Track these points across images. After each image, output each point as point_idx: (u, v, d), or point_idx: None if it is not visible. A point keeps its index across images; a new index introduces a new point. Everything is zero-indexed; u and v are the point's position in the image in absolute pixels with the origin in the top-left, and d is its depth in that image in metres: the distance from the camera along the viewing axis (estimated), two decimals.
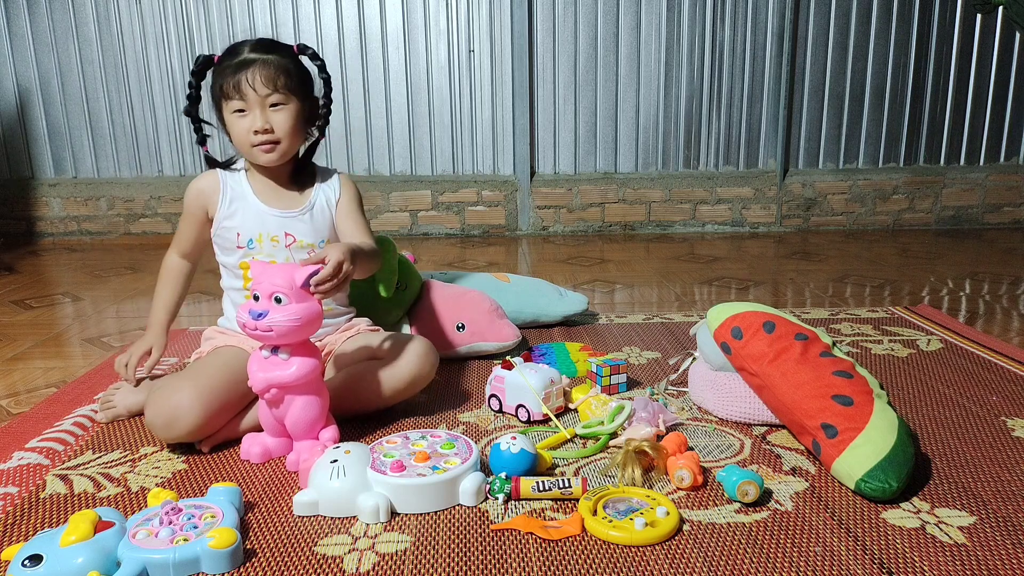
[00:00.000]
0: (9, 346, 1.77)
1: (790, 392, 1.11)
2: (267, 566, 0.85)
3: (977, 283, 2.33)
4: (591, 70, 3.29)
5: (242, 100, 1.21)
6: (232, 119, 1.23)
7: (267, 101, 1.22)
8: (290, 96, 1.23)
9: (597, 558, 0.86)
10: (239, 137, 1.24)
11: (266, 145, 1.23)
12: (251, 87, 1.20)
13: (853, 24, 3.29)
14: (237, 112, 1.22)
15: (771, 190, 3.41)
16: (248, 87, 1.20)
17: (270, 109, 1.22)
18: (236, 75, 1.20)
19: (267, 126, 1.22)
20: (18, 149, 3.26)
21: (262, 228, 1.28)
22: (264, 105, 1.22)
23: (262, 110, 1.22)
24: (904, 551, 0.87)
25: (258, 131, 1.22)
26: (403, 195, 3.33)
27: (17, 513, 0.98)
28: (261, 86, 1.20)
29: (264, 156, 1.25)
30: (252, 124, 1.22)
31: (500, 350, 1.58)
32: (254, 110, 1.21)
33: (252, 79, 1.20)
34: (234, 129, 1.24)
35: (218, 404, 1.13)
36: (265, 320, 1.03)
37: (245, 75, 1.20)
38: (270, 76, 1.21)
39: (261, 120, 1.21)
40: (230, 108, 1.22)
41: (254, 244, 1.28)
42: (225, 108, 1.23)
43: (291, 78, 1.23)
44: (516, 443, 1.03)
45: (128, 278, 2.53)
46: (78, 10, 3.14)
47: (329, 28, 3.19)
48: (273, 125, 1.22)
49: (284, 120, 1.23)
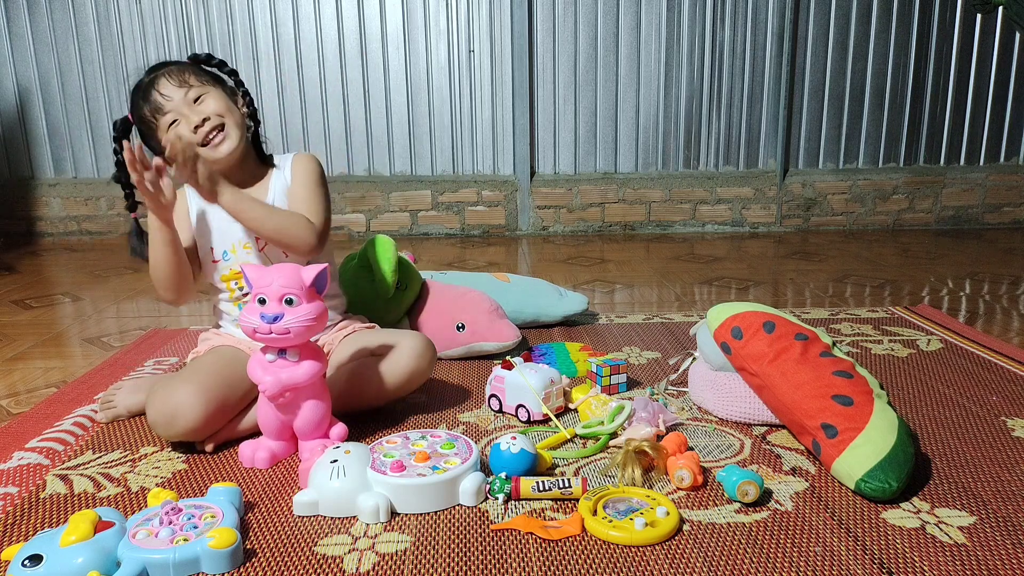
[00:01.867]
0: (9, 346, 1.77)
1: (790, 392, 1.11)
2: (267, 566, 0.85)
3: (977, 283, 2.33)
4: (591, 70, 3.29)
5: (165, 109, 1.21)
6: (167, 135, 1.22)
7: (189, 97, 1.22)
8: (206, 85, 1.25)
9: (597, 558, 0.86)
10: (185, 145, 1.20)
11: (215, 133, 1.23)
12: (168, 95, 1.22)
13: (853, 24, 3.30)
14: (172, 124, 1.22)
15: (771, 190, 3.41)
16: (165, 97, 1.21)
17: (195, 104, 1.23)
18: (149, 95, 1.22)
19: (204, 115, 1.22)
20: (18, 149, 3.26)
21: (233, 237, 1.28)
22: (189, 103, 1.23)
23: (190, 108, 1.22)
24: (904, 551, 0.87)
25: (196, 124, 1.21)
26: (403, 195, 3.33)
27: (17, 513, 0.98)
28: (175, 88, 1.22)
29: (222, 145, 1.24)
30: (188, 121, 1.22)
31: (500, 350, 1.58)
32: (183, 111, 1.22)
33: (163, 88, 1.22)
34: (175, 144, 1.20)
35: (219, 402, 1.13)
36: (282, 323, 1.03)
37: (155, 90, 1.22)
38: (175, 74, 1.23)
39: (196, 115, 1.22)
40: (164, 126, 1.22)
41: (229, 255, 1.28)
42: (160, 131, 1.23)
43: (198, 72, 1.26)
44: (516, 443, 1.03)
45: (128, 278, 2.53)
46: (78, 10, 3.14)
47: (329, 28, 3.19)
48: (208, 113, 1.23)
49: (215, 103, 1.24)
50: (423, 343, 1.27)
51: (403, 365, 1.24)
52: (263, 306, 1.04)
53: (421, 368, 1.26)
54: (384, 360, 1.24)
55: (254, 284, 1.06)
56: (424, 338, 1.29)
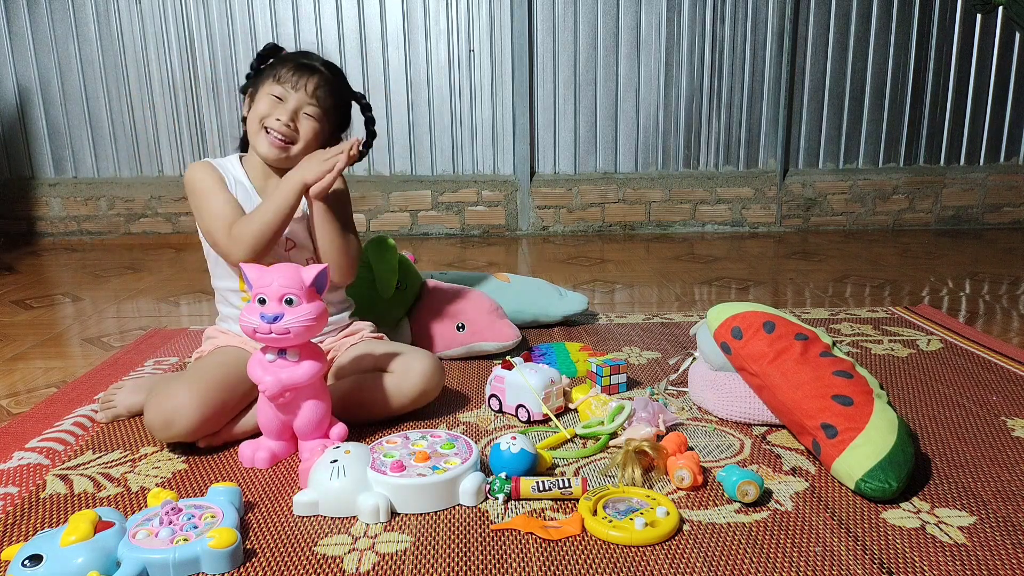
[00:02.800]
0: (9, 346, 1.77)
1: (790, 392, 1.11)
2: (267, 566, 0.85)
3: (977, 283, 2.33)
4: (591, 70, 3.29)
5: (285, 91, 1.24)
6: (266, 97, 1.25)
7: (304, 106, 1.26)
8: (324, 117, 1.29)
9: (597, 558, 0.86)
10: (260, 112, 1.25)
11: (279, 139, 1.25)
12: (303, 86, 1.25)
13: (853, 24, 3.30)
14: (274, 97, 1.25)
15: (771, 190, 3.41)
16: (301, 84, 1.25)
17: (303, 113, 1.26)
18: (298, 71, 1.25)
19: (290, 123, 1.25)
20: (18, 149, 3.25)
21: None
22: (301, 106, 1.26)
23: (297, 108, 1.25)
24: (904, 551, 0.87)
25: (280, 119, 1.24)
26: (403, 195, 3.33)
27: (17, 513, 0.98)
28: (312, 89, 1.26)
29: (269, 147, 1.26)
30: (280, 112, 1.25)
31: (500, 350, 1.58)
32: (290, 103, 1.25)
33: (308, 81, 1.25)
34: (261, 104, 1.26)
35: (216, 404, 1.12)
36: (282, 323, 1.03)
37: (305, 74, 1.25)
38: (323, 89, 1.27)
39: (288, 115, 1.25)
40: (271, 89, 1.25)
41: None
42: (266, 86, 1.26)
43: (335, 105, 1.31)
44: (516, 443, 1.03)
45: (128, 278, 2.53)
46: (78, 10, 3.14)
47: (329, 28, 3.19)
48: (297, 126, 1.26)
49: (309, 128, 1.27)
50: (433, 365, 1.26)
51: (412, 385, 1.23)
52: (263, 306, 1.04)
53: (428, 389, 1.25)
54: (392, 377, 1.23)
55: (254, 284, 1.06)
56: (434, 359, 1.27)
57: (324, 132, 1.30)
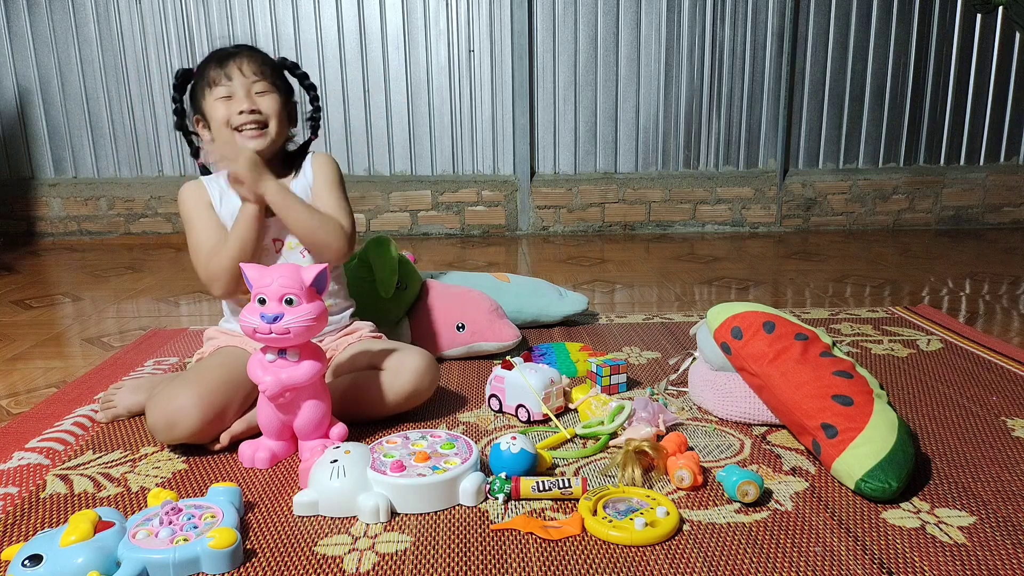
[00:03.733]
0: (9, 346, 1.77)
1: (790, 392, 1.11)
2: (267, 566, 0.85)
3: (977, 283, 2.33)
4: (591, 70, 3.29)
5: (228, 85, 1.23)
6: (215, 105, 1.24)
7: (253, 87, 1.25)
8: (274, 87, 1.27)
9: (597, 558, 0.86)
10: (220, 119, 1.24)
11: (253, 127, 1.24)
12: (239, 70, 1.24)
13: (853, 24, 3.30)
14: (222, 99, 1.23)
15: (771, 190, 3.41)
16: (236, 70, 1.24)
17: (255, 94, 1.25)
18: (223, 63, 1.24)
19: (255, 106, 1.24)
20: (18, 149, 3.26)
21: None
22: (250, 90, 1.25)
23: (247, 93, 1.24)
24: (904, 551, 0.87)
25: (244, 111, 1.23)
26: (403, 195, 3.33)
27: (17, 513, 0.98)
28: (249, 71, 1.25)
29: (252, 140, 1.25)
30: (239, 105, 1.23)
31: (500, 350, 1.58)
32: (239, 94, 1.24)
33: (240, 64, 1.24)
34: (216, 114, 1.24)
35: (219, 406, 1.12)
36: (282, 323, 1.03)
37: (233, 61, 1.25)
38: (257, 64, 1.26)
39: (248, 101, 1.24)
40: (215, 95, 1.24)
41: None
42: (208, 98, 1.25)
43: (276, 74, 1.29)
44: (516, 443, 1.03)
45: (128, 278, 2.53)
46: (78, 10, 3.14)
47: (329, 28, 3.19)
48: (260, 107, 1.25)
49: (270, 104, 1.26)
50: (426, 362, 1.25)
51: (404, 382, 1.22)
52: (263, 306, 1.04)
53: (422, 388, 1.24)
54: (386, 374, 1.23)
55: (254, 284, 1.06)
56: (428, 356, 1.27)
57: (281, 101, 1.28)
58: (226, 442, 1.14)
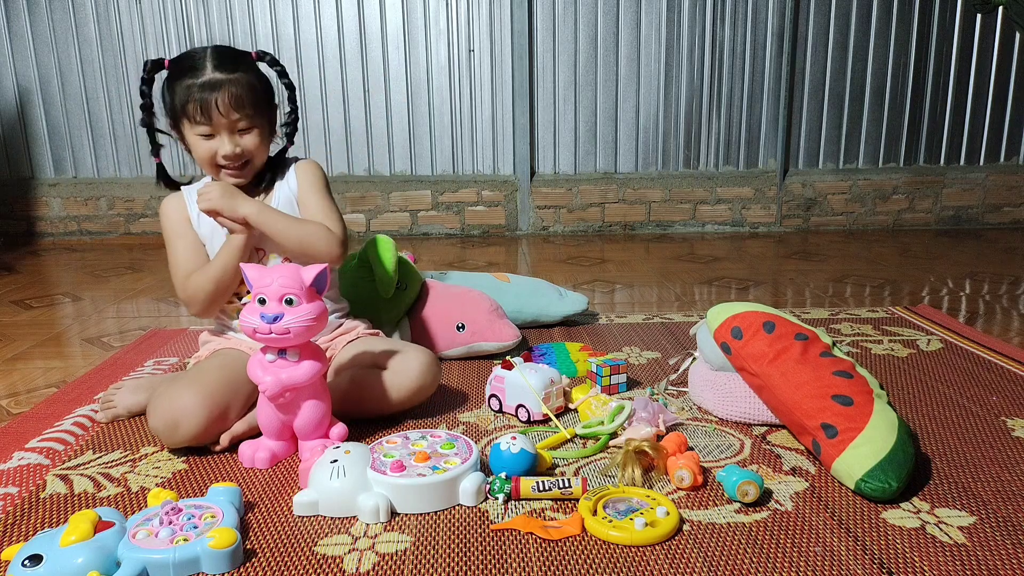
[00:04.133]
0: (9, 346, 1.77)
1: (790, 392, 1.11)
2: (267, 566, 0.85)
3: (977, 283, 2.33)
4: (591, 70, 3.29)
5: (208, 124, 1.19)
6: (196, 140, 1.21)
7: (236, 125, 1.20)
8: (257, 115, 1.22)
9: (597, 558, 0.86)
10: (204, 157, 1.22)
11: (235, 170, 1.23)
12: (220, 112, 1.17)
13: (853, 24, 3.29)
14: (202, 135, 1.20)
15: (771, 190, 3.41)
16: (217, 112, 1.17)
17: (236, 134, 1.21)
18: (201, 98, 1.17)
19: (237, 150, 1.21)
20: (18, 149, 3.25)
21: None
22: (233, 129, 1.20)
23: (230, 134, 1.20)
24: (904, 551, 0.87)
25: (225, 153, 1.20)
26: (403, 195, 3.33)
27: (17, 513, 0.98)
28: (230, 110, 1.18)
29: (232, 180, 1.24)
30: (220, 148, 1.20)
31: (500, 350, 1.58)
32: (221, 134, 1.20)
33: (221, 104, 1.17)
34: (198, 149, 1.22)
35: (221, 407, 1.13)
36: (282, 323, 1.03)
37: (213, 99, 1.17)
38: (238, 98, 1.18)
39: (230, 145, 1.20)
40: (194, 130, 1.20)
41: None
42: (187, 127, 1.21)
43: (257, 96, 1.22)
44: (516, 443, 1.03)
45: (128, 278, 2.53)
46: (78, 10, 3.14)
47: (329, 28, 3.19)
48: (243, 148, 1.21)
49: (253, 141, 1.22)
50: (430, 360, 1.26)
51: (409, 380, 1.22)
52: (263, 306, 1.04)
53: (426, 385, 1.25)
54: (389, 373, 1.23)
55: (254, 284, 1.06)
56: (431, 355, 1.27)
57: (265, 126, 1.25)
58: (226, 443, 1.14)
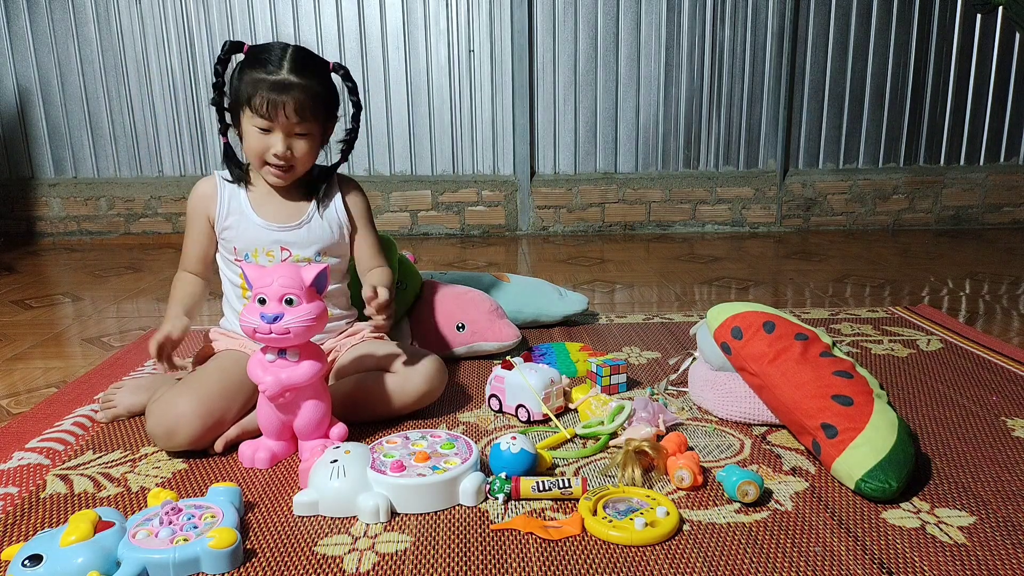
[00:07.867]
0: (9, 346, 1.77)
1: (790, 392, 1.11)
2: (267, 566, 0.85)
3: (977, 283, 2.33)
4: (591, 70, 3.29)
5: (269, 121, 1.19)
6: (251, 131, 1.21)
7: (294, 129, 1.21)
8: (316, 124, 1.23)
9: (597, 558, 0.86)
10: (253, 148, 1.22)
11: (279, 170, 1.24)
12: (283, 114, 1.18)
13: (853, 24, 3.30)
14: (259, 128, 1.21)
15: (771, 190, 3.41)
16: (280, 113, 1.18)
17: (293, 136, 1.22)
18: (271, 96, 1.17)
19: (287, 153, 1.22)
20: (18, 149, 3.25)
21: (257, 243, 1.27)
22: (290, 131, 1.21)
23: (286, 136, 1.21)
24: (904, 551, 0.87)
25: (276, 152, 1.21)
26: (403, 195, 3.33)
27: (17, 513, 0.98)
28: (294, 114, 1.19)
29: (273, 179, 1.26)
30: (272, 146, 1.21)
31: (500, 350, 1.58)
32: (278, 133, 1.20)
33: (287, 107, 1.18)
34: (251, 140, 1.22)
35: (218, 413, 1.13)
36: (282, 323, 1.03)
37: (281, 101, 1.17)
38: (304, 105, 1.19)
39: (282, 146, 1.21)
40: (253, 121, 1.20)
41: (250, 257, 1.28)
42: (247, 116, 1.21)
43: (320, 105, 1.22)
44: (516, 443, 1.03)
45: (128, 278, 2.53)
46: (78, 10, 3.14)
47: (329, 28, 3.19)
48: (293, 150, 1.22)
49: (304, 148, 1.23)
50: (437, 366, 1.26)
51: (415, 386, 1.23)
52: (263, 306, 1.04)
53: (432, 390, 1.25)
54: (395, 377, 1.23)
55: (254, 284, 1.06)
56: (438, 360, 1.27)
57: (318, 136, 1.26)
58: (220, 448, 1.14)
